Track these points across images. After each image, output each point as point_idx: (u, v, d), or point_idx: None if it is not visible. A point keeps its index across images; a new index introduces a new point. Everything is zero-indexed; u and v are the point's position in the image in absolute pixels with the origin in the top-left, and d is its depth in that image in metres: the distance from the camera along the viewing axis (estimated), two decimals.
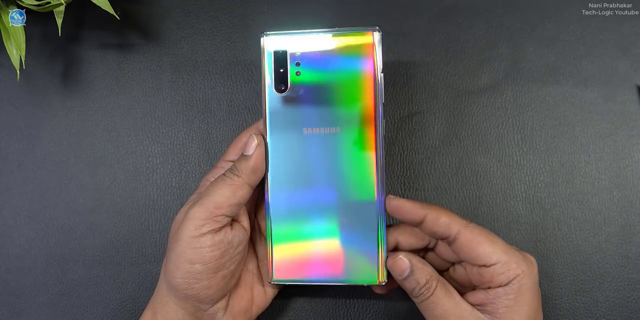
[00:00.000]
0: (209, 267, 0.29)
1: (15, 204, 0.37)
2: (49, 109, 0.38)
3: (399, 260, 0.30)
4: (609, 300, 0.35)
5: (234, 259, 0.30)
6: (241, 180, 0.30)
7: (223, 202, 0.29)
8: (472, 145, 0.37)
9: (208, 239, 0.29)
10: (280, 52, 0.31)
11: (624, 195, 0.36)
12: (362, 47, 0.31)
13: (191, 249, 0.29)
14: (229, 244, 0.30)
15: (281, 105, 0.31)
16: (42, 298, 0.36)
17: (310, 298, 0.36)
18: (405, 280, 0.30)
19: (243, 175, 0.30)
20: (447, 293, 0.29)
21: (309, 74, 0.31)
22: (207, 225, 0.29)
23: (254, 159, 0.30)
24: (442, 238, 0.30)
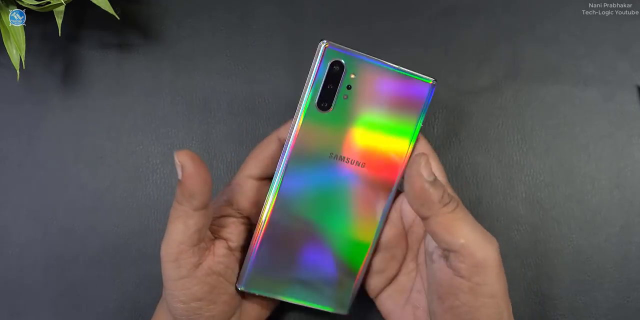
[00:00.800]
0: (205, 301, 0.28)
1: (15, 204, 0.37)
2: (49, 109, 0.38)
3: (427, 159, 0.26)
4: (609, 300, 0.35)
5: (230, 282, 0.29)
6: (184, 209, 0.27)
7: (181, 237, 0.27)
8: (472, 145, 0.37)
9: (191, 277, 0.27)
10: (338, 68, 0.29)
11: (624, 195, 0.36)
12: (415, 93, 0.30)
13: (178, 291, 0.28)
14: (214, 273, 0.28)
15: (315, 123, 0.29)
16: (42, 298, 0.36)
17: None
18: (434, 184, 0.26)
19: (183, 202, 0.27)
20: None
21: (357, 100, 0.29)
22: (182, 266, 0.27)
23: (184, 184, 0.26)
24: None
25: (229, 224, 0.30)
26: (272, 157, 0.30)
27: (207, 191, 0.26)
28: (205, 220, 0.27)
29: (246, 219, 0.31)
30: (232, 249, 0.30)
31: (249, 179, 0.31)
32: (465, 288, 0.26)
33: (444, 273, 0.27)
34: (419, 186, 0.25)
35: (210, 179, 0.26)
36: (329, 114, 0.29)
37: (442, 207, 0.26)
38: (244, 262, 0.30)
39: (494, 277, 0.26)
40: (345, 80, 0.29)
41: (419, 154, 0.26)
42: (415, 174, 0.25)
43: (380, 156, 0.30)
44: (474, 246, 0.25)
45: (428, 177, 0.25)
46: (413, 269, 0.31)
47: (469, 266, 0.25)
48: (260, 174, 0.31)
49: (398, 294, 0.31)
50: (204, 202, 0.26)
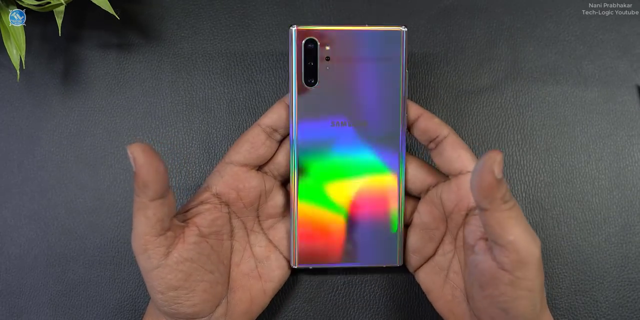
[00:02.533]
0: (182, 289, 0.29)
1: (15, 204, 0.37)
2: (49, 109, 0.38)
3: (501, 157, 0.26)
4: (609, 300, 0.35)
5: (207, 270, 0.30)
6: (141, 200, 0.27)
7: (143, 229, 0.28)
8: (472, 145, 0.37)
9: (163, 267, 0.28)
10: (311, 45, 0.31)
11: (624, 195, 0.36)
12: (389, 44, 0.31)
13: (155, 281, 0.29)
14: (187, 260, 0.29)
15: (309, 99, 0.32)
16: (42, 298, 0.36)
17: (309, 299, 0.36)
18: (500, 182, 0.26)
19: (140, 193, 0.27)
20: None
21: (339, 67, 0.32)
22: (153, 257, 0.28)
23: (137, 175, 0.27)
24: (432, 138, 0.31)
25: (204, 211, 0.31)
26: (250, 141, 0.32)
27: (161, 180, 0.27)
28: (165, 209, 0.28)
29: (225, 205, 0.32)
30: (204, 235, 0.30)
31: (228, 165, 0.32)
32: (507, 280, 0.27)
33: (488, 264, 0.28)
34: (488, 181, 0.26)
35: (162, 168, 0.27)
36: (317, 87, 0.32)
37: (502, 204, 0.27)
38: (290, 240, 0.33)
39: (534, 273, 0.27)
40: (322, 53, 0.31)
41: (494, 152, 0.26)
42: (487, 170, 0.26)
43: (378, 108, 0.32)
44: (520, 243, 0.27)
45: (498, 175, 0.26)
46: (450, 250, 0.32)
47: (512, 261, 0.27)
48: (239, 159, 0.32)
49: (435, 273, 0.32)
50: (158, 191, 0.27)
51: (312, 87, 0.31)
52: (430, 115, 0.31)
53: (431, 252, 0.33)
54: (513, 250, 0.27)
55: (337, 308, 0.36)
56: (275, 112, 0.32)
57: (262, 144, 0.32)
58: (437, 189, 0.32)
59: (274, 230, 0.33)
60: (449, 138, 0.31)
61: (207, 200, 0.31)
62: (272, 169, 0.33)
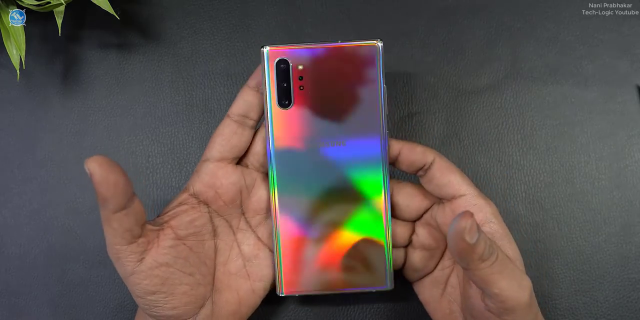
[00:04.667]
0: (160, 293, 0.29)
1: (15, 204, 0.37)
2: (49, 109, 0.38)
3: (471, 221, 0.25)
4: (609, 300, 0.35)
5: (186, 273, 0.30)
6: (105, 213, 0.27)
7: (112, 238, 0.27)
8: (472, 145, 0.37)
9: (137, 273, 0.28)
10: (283, 66, 0.30)
11: (624, 195, 0.36)
12: (365, 59, 0.30)
13: (132, 286, 0.29)
14: (163, 264, 0.29)
15: (284, 121, 0.31)
16: (42, 298, 0.36)
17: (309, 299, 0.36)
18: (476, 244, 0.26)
19: (102, 207, 0.27)
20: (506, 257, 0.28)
21: (312, 87, 0.31)
22: (126, 264, 0.28)
23: (96, 190, 0.26)
24: (419, 168, 0.31)
25: (181, 213, 0.30)
26: (221, 134, 0.31)
27: (120, 194, 0.26)
28: (131, 218, 0.27)
29: (204, 205, 0.31)
30: (180, 237, 0.30)
31: (204, 163, 0.31)
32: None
33: (478, 303, 0.28)
34: (462, 247, 0.26)
35: (121, 180, 0.26)
36: (293, 109, 0.31)
37: (481, 263, 0.26)
38: (275, 268, 0.32)
39: (522, 316, 0.27)
40: (295, 73, 0.31)
41: (463, 218, 0.26)
42: (458, 238, 0.26)
43: (356, 128, 0.31)
44: (506, 295, 0.27)
45: (471, 240, 0.26)
46: (449, 266, 0.32)
47: (499, 308, 0.27)
48: (214, 154, 0.31)
49: (433, 287, 0.32)
50: (119, 204, 0.26)
51: (287, 108, 0.31)
52: (410, 146, 0.31)
53: (432, 268, 0.32)
54: (499, 301, 0.27)
55: (337, 308, 0.36)
56: (241, 99, 0.31)
57: (234, 134, 0.31)
58: (432, 212, 0.32)
59: (262, 227, 0.33)
60: (435, 164, 0.30)
61: (185, 201, 0.31)
62: (253, 161, 0.32)
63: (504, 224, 0.30)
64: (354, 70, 0.31)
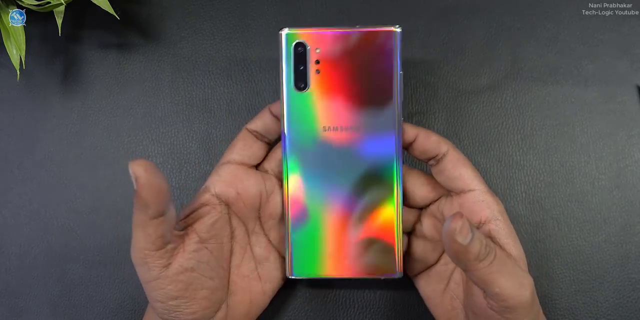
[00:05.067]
0: (182, 298, 0.28)
1: (15, 204, 0.37)
2: (49, 109, 0.38)
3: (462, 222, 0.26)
4: (609, 300, 0.35)
5: (207, 277, 0.29)
6: (142, 218, 0.26)
7: (144, 244, 0.27)
8: (472, 145, 0.37)
9: (162, 278, 0.28)
10: (300, 48, 0.31)
11: (624, 195, 0.36)
12: (382, 45, 0.31)
13: (154, 291, 0.28)
14: (188, 269, 0.28)
15: (300, 104, 0.31)
16: (42, 298, 0.36)
17: (308, 298, 0.36)
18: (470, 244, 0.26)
19: (140, 211, 0.26)
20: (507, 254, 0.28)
21: (329, 71, 0.31)
22: (152, 269, 0.28)
23: (139, 194, 0.26)
24: (431, 157, 0.31)
25: (204, 214, 0.30)
26: (242, 140, 0.32)
27: (162, 200, 0.26)
28: (165, 226, 0.27)
29: (224, 205, 0.31)
30: (203, 240, 0.30)
31: (224, 164, 0.32)
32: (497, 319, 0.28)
33: (480, 301, 0.28)
34: (455, 250, 0.26)
35: (165, 187, 0.26)
36: (309, 92, 0.31)
37: (479, 263, 0.26)
38: (285, 251, 0.32)
39: (523, 313, 0.27)
40: (312, 57, 0.31)
41: (453, 220, 0.26)
42: (451, 241, 0.26)
43: (371, 113, 0.31)
44: (507, 294, 0.27)
45: (463, 241, 0.26)
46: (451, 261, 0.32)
47: (501, 307, 0.27)
48: (235, 157, 0.32)
49: (436, 282, 0.32)
50: (159, 211, 0.26)
51: (302, 91, 0.31)
52: (426, 134, 0.31)
53: (433, 261, 0.32)
54: (501, 300, 0.27)
55: (337, 308, 0.36)
56: (260, 119, 0.32)
57: (255, 142, 0.32)
58: (439, 204, 0.32)
59: (274, 231, 0.33)
60: (448, 155, 0.30)
61: (207, 201, 0.31)
62: (273, 166, 0.33)
63: (510, 222, 0.30)
64: (371, 56, 0.31)
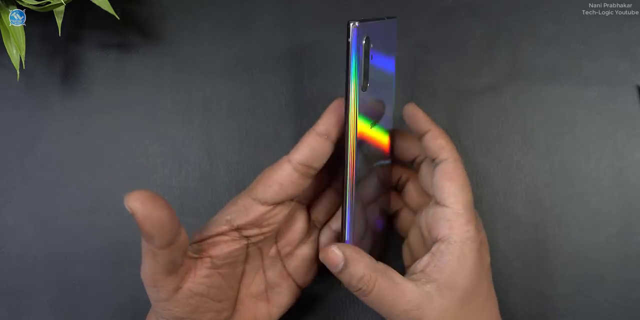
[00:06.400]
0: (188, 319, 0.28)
1: (15, 204, 0.37)
2: (49, 109, 0.38)
3: (330, 253, 0.28)
4: (609, 300, 0.35)
5: (216, 300, 0.29)
6: (150, 247, 0.25)
7: (153, 269, 0.26)
8: (472, 145, 0.37)
9: (172, 301, 0.27)
10: (366, 44, 0.27)
11: (624, 195, 0.36)
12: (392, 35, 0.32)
13: (162, 311, 0.28)
14: (196, 295, 0.28)
15: (361, 104, 0.27)
16: (42, 298, 0.36)
17: (308, 299, 0.36)
18: (340, 274, 0.28)
19: (148, 242, 0.25)
20: (389, 282, 0.28)
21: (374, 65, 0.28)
22: (161, 291, 0.27)
23: (141, 228, 0.24)
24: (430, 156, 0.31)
25: (220, 243, 0.29)
26: (281, 183, 0.28)
27: (167, 231, 0.25)
28: (175, 253, 0.26)
29: (244, 238, 0.30)
30: (217, 266, 0.29)
31: (254, 203, 0.29)
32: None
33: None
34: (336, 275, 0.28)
35: (167, 217, 0.24)
36: (368, 91, 0.28)
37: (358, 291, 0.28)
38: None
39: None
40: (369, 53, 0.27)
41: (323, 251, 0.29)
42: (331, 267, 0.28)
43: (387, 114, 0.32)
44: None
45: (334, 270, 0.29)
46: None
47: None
48: (267, 199, 0.29)
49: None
50: (165, 241, 0.25)
51: (365, 91, 0.27)
52: (435, 135, 0.30)
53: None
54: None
55: (337, 308, 0.36)
56: (307, 146, 0.28)
57: (292, 184, 0.28)
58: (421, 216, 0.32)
59: (290, 258, 0.32)
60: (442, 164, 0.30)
61: (227, 233, 0.29)
62: (301, 197, 0.31)
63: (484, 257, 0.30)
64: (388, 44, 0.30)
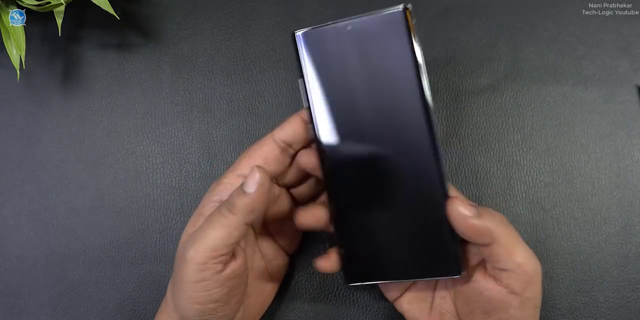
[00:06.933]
0: (221, 302, 0.28)
1: (15, 204, 0.37)
2: (49, 109, 0.38)
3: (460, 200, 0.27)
4: (609, 300, 0.35)
5: (244, 283, 0.29)
6: (237, 219, 0.27)
7: (219, 244, 0.27)
8: (472, 145, 0.37)
9: (213, 281, 0.27)
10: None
11: (624, 195, 0.36)
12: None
13: (198, 292, 0.28)
14: (236, 276, 0.28)
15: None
16: (42, 298, 0.36)
17: (308, 298, 0.36)
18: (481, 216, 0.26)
19: (239, 214, 0.27)
20: None
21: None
22: (207, 269, 0.27)
23: (253, 199, 0.26)
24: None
25: None
26: (265, 158, 0.30)
27: (265, 210, 0.27)
28: (246, 233, 0.28)
29: None
30: (243, 248, 0.30)
31: (241, 179, 0.30)
32: (516, 303, 0.27)
33: (496, 291, 0.28)
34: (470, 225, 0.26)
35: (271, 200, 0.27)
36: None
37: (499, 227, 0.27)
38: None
39: (539, 289, 0.27)
40: None
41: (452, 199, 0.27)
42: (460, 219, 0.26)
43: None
44: (527, 264, 0.27)
45: (472, 214, 0.26)
46: None
47: (522, 283, 0.27)
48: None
49: (420, 301, 0.31)
50: (259, 218, 0.27)
51: None
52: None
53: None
54: (522, 272, 0.27)
55: (337, 308, 0.36)
56: (290, 128, 0.30)
57: (276, 159, 0.30)
58: None
59: (279, 231, 0.33)
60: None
61: None
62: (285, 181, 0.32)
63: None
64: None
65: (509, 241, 0.27)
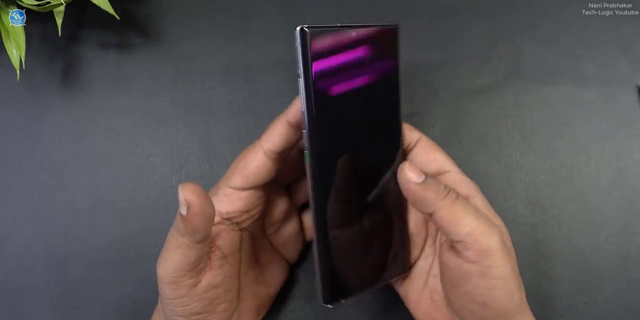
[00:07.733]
0: (205, 313, 0.28)
1: (15, 204, 0.37)
2: (49, 109, 0.38)
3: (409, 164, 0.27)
4: (609, 300, 0.35)
5: (228, 290, 0.29)
6: (185, 241, 0.26)
7: (179, 265, 0.27)
8: (472, 145, 0.37)
9: (189, 296, 0.27)
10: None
11: (624, 195, 0.36)
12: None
13: (178, 307, 0.28)
14: (213, 287, 0.28)
15: None
16: (42, 298, 0.36)
17: (308, 298, 0.36)
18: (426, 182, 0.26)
19: (185, 235, 0.26)
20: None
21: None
22: (181, 287, 0.27)
23: (189, 221, 0.25)
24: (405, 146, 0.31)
25: (222, 233, 0.30)
26: (257, 173, 0.29)
27: (210, 226, 0.26)
28: (206, 247, 0.27)
29: (236, 224, 0.30)
30: (225, 256, 0.29)
31: (235, 191, 0.29)
32: (476, 272, 0.27)
33: (454, 261, 0.27)
34: (411, 190, 0.27)
35: (213, 212, 0.26)
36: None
37: (441, 201, 0.27)
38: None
39: (501, 259, 0.27)
40: None
41: (403, 164, 0.27)
42: (404, 181, 0.27)
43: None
44: (476, 233, 0.26)
45: (417, 179, 0.27)
46: (430, 253, 0.32)
47: (476, 252, 0.26)
48: (245, 186, 0.29)
49: (416, 278, 0.32)
50: (206, 235, 0.26)
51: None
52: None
53: (415, 258, 0.32)
54: (473, 242, 0.26)
55: (337, 308, 0.36)
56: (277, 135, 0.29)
57: (267, 171, 0.29)
58: None
59: (276, 235, 0.33)
60: (420, 142, 0.31)
61: (221, 223, 0.30)
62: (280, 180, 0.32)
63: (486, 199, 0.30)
64: None
65: (450, 213, 0.26)
